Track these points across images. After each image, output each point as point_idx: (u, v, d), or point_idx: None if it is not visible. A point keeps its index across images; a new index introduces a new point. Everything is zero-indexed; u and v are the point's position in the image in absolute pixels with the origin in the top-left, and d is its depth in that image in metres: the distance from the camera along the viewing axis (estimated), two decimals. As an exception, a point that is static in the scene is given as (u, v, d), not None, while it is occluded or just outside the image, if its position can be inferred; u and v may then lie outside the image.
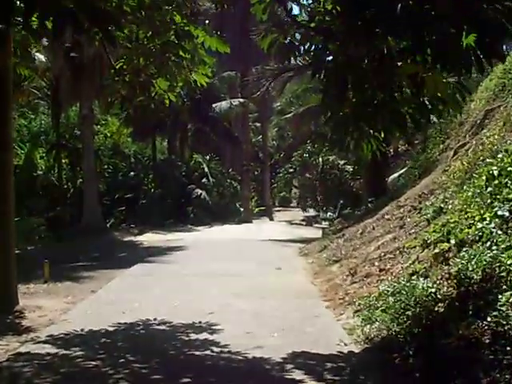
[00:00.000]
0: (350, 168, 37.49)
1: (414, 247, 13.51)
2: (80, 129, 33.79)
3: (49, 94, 35.77)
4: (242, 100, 41.77)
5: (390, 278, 12.56)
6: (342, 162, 38.15)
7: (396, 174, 43.80)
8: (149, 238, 28.13)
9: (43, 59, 33.24)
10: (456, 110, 8.91)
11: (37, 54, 32.84)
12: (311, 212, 41.31)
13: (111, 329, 10.58)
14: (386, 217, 19.15)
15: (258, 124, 53.00)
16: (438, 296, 9.72)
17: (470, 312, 8.80)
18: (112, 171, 38.73)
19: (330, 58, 8.43)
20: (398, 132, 8.21)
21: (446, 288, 10.13)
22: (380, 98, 7.87)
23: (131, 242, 27.55)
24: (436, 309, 9.58)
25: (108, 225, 33.30)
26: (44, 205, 33.91)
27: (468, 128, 20.95)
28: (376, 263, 14.24)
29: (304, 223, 37.03)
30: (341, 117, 8.49)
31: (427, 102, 7.73)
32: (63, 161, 36.97)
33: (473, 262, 9.68)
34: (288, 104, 60.58)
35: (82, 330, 10.49)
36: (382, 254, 14.65)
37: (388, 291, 11.10)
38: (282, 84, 34.18)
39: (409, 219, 16.74)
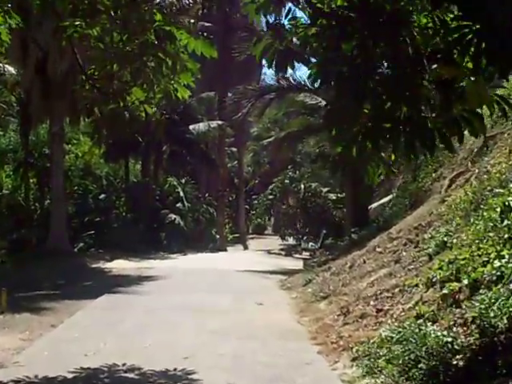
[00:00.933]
0: (332, 196, 36.16)
1: (416, 286, 12.24)
2: (50, 147, 32.17)
3: (19, 110, 34.42)
4: (220, 122, 40.56)
5: (390, 321, 11.28)
6: (324, 190, 36.86)
7: (378, 203, 42.80)
8: (119, 265, 26.57)
9: (13, 71, 32.02)
10: (481, 129, 7.47)
11: (6, 66, 31.65)
12: (290, 241, 39.89)
13: (70, 376, 9.11)
14: (378, 250, 17.82)
15: (234, 149, 51.56)
16: (456, 346, 8.41)
17: (501, 368, 7.53)
18: (82, 193, 37.05)
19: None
20: (427, 151, 6.84)
21: (463, 337, 8.84)
22: (404, 110, 6.55)
23: (99, 268, 25.97)
24: (455, 362, 8.26)
25: (76, 249, 31.61)
26: (8, 226, 32.40)
27: (464, 156, 19.84)
28: (371, 302, 12.90)
29: (283, 253, 35.54)
30: (353, 135, 7.14)
31: (464, 116, 6.36)
32: (31, 180, 35.57)
33: (495, 307, 8.45)
34: (265, 129, 60.11)
35: (35, 376, 9.03)
36: (378, 291, 13.32)
37: (392, 337, 9.81)
38: (263, 107, 32.92)
39: (404, 253, 15.44)
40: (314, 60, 7.65)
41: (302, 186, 36.97)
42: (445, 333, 8.67)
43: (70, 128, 37.07)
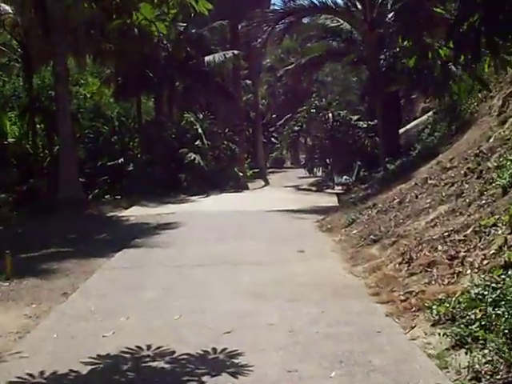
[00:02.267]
0: (363, 124, 33.77)
1: (494, 225, 10.24)
2: (54, 89, 30.07)
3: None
4: (235, 52, 38.29)
5: (469, 272, 9.31)
6: (354, 118, 34.46)
7: (406, 127, 40.69)
8: (136, 212, 24.68)
9: (10, 10, 29.95)
10: None
11: (2, 4, 29.50)
12: (318, 174, 37.67)
13: (85, 370, 7.23)
14: (431, 182, 15.79)
15: (249, 81, 49.72)
16: None
17: None
18: (93, 136, 35.01)
19: None
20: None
21: None
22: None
23: (116, 217, 24.07)
24: None
25: (90, 197, 29.77)
26: (17, 176, 30.65)
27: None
28: (439, 247, 10.89)
29: (313, 188, 33.47)
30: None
31: None
32: (38, 126, 33.68)
33: None
34: (279, 60, 59.82)
35: (41, 373, 7.15)
36: (445, 233, 11.31)
37: (483, 295, 7.89)
38: (283, 31, 30.34)
39: (467, 185, 13.40)
40: None
41: (331, 115, 34.44)
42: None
43: (76, 69, 35.15)
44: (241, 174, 35.97)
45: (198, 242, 16.72)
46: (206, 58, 37.18)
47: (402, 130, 38.81)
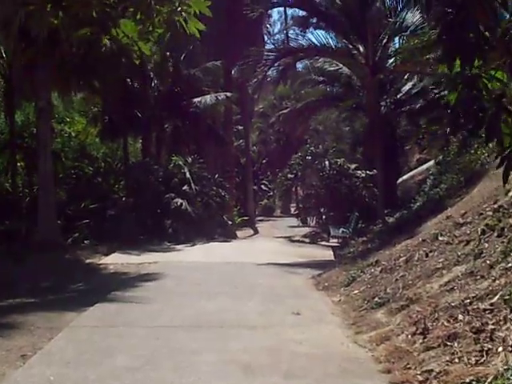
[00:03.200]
0: (361, 174, 32.48)
1: (524, 294, 8.91)
2: (36, 125, 28.81)
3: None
4: (228, 94, 37.50)
5: (501, 349, 7.95)
6: (352, 166, 33.19)
7: (405, 177, 39.67)
8: (117, 260, 23.17)
9: (-5, 41, 28.83)
10: None
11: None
12: (311, 224, 36.19)
13: None
14: (442, 238, 14.41)
15: (240, 127, 49.41)
16: None
17: None
18: (76, 177, 33.63)
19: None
20: None
21: None
22: None
23: (93, 265, 22.51)
24: None
25: (69, 240, 28.20)
26: (-6, 216, 29.17)
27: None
28: (460, 316, 9.49)
29: (307, 240, 32.02)
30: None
31: None
32: (18, 164, 32.40)
33: None
34: (271, 107, 60.43)
35: None
36: (466, 300, 9.91)
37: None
38: (279, 74, 29.28)
39: (486, 244, 12.03)
40: None
41: (327, 163, 33.15)
42: None
43: (62, 106, 34.07)
44: (229, 223, 34.56)
45: (181, 297, 15.26)
46: (198, 99, 36.18)
47: (401, 179, 37.86)
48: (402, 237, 18.05)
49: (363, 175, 31.74)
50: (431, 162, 41.56)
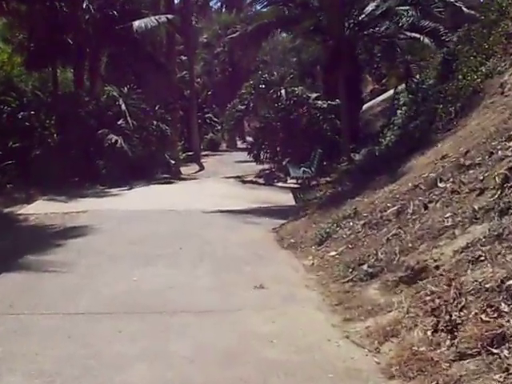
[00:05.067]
0: (323, 104, 29.13)
1: None
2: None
3: None
4: (169, 16, 33.95)
5: None
6: (313, 96, 29.84)
7: (368, 104, 37.16)
8: (40, 209, 20.01)
9: None
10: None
11: None
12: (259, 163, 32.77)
13: None
14: (443, 185, 11.47)
15: (184, 57, 46.25)
16: None
17: None
18: (0, 112, 29.87)
19: None
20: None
21: None
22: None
23: (12, 215, 19.33)
24: None
25: (-10, 185, 24.79)
26: None
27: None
28: (504, 306, 6.69)
29: (261, 181, 28.76)
30: None
31: None
32: None
33: None
34: (216, 36, 59.39)
35: None
36: (507, 279, 7.07)
37: None
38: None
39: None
40: None
41: (283, 92, 29.74)
42: None
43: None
44: (173, 162, 31.42)
45: (111, 264, 12.22)
46: (136, 23, 32.28)
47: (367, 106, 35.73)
48: (382, 180, 15.20)
49: (325, 106, 28.37)
50: (389, 93, 39.22)
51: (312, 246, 12.82)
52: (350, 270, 10.28)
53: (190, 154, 39.95)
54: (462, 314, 7.00)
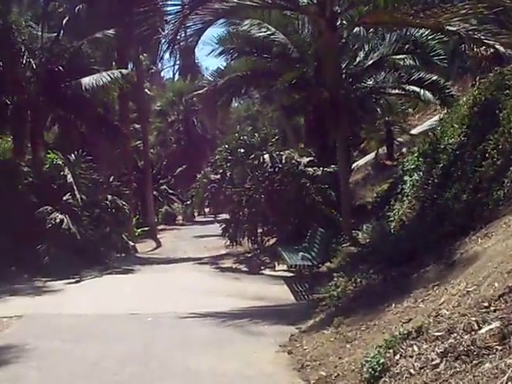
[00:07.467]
0: (316, 171, 24.31)
1: None
2: None
3: None
4: (124, 71, 31.83)
5: None
6: (305, 160, 25.12)
7: (358, 163, 35.11)
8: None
9: None
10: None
11: None
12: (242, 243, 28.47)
13: None
14: None
15: (137, 125, 46.16)
16: None
17: None
18: None
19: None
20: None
21: None
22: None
23: None
24: None
25: None
26: None
27: None
28: None
29: (244, 267, 24.14)
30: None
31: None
32: None
33: None
34: (170, 103, 61.90)
35: None
36: None
37: None
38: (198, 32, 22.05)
39: None
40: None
41: (267, 157, 25.69)
42: None
43: None
44: (132, 244, 27.64)
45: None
46: (85, 80, 29.67)
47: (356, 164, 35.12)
48: (431, 273, 11.27)
49: (318, 173, 23.94)
50: (370, 156, 36.55)
51: (360, 382, 8.62)
52: None
53: (146, 229, 39.44)
54: None
